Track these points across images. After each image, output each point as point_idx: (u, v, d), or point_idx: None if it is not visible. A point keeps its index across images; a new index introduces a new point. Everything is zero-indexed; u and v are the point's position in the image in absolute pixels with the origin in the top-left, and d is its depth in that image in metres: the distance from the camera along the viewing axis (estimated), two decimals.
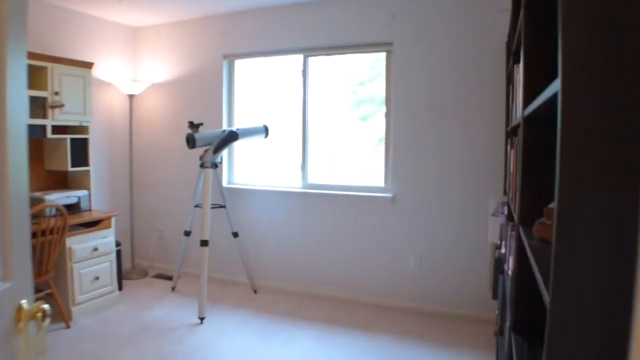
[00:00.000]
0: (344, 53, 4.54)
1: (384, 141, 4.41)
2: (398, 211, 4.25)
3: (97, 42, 4.87)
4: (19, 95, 1.19)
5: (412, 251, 4.21)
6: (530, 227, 1.43)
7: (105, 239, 4.20)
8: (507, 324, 2.03)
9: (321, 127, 4.73)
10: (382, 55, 4.37)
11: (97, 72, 4.82)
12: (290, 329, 3.89)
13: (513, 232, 1.99)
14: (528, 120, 1.55)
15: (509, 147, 2.78)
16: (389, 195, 4.27)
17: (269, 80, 4.96)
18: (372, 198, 4.34)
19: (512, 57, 2.66)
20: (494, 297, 3.19)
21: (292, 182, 4.81)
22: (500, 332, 2.67)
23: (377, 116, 4.49)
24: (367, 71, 4.58)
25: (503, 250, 2.74)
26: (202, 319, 3.98)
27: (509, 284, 2.04)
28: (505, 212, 2.72)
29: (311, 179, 4.75)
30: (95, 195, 4.65)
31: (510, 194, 2.33)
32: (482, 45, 3.85)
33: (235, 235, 4.65)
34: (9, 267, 1.16)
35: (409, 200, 4.20)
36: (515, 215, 1.72)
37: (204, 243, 4.07)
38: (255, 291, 4.74)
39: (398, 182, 4.25)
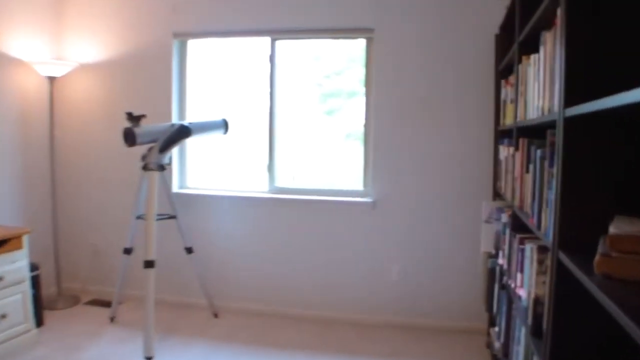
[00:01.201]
0: (317, 38, 3.88)
1: (358, 139, 3.86)
2: (379, 217, 3.75)
3: (4, 6, 3.75)
4: None
5: (394, 261, 3.77)
6: (574, 254, 1.29)
7: (14, 264, 3.17)
8: (520, 349, 1.98)
9: (289, 122, 3.99)
10: (354, 44, 3.83)
11: (2, 45, 3.72)
12: None
13: (522, 246, 1.98)
14: (573, 122, 1.31)
15: (510, 149, 2.52)
16: (368, 199, 3.75)
17: (230, 66, 4.11)
18: (350, 203, 3.79)
19: (517, 48, 2.32)
20: (489, 309, 3.07)
21: (257, 186, 4.02)
22: (504, 354, 2.48)
23: (343, 111, 3.96)
24: (338, 61, 3.94)
25: (501, 261, 2.66)
26: (149, 358, 3.10)
27: (522, 304, 1.97)
28: (505, 219, 2.57)
29: (279, 182, 3.98)
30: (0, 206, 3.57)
31: (517, 201, 2.18)
32: (474, 35, 3.52)
33: (189, 250, 3.76)
34: None
35: (392, 206, 3.74)
36: (550, 237, 1.48)
37: (149, 264, 3.18)
38: (215, 315, 3.91)
39: (379, 186, 3.73)
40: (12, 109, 3.89)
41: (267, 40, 3.87)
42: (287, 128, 3.96)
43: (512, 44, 2.53)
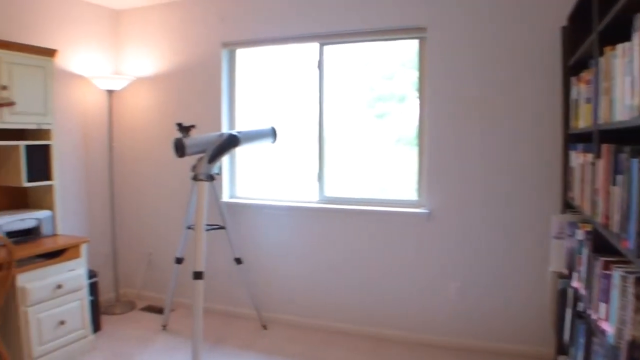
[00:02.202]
0: (367, 40, 3.71)
1: (409, 143, 3.66)
2: (435, 230, 3.49)
3: (66, 26, 3.95)
4: None
5: (452, 277, 3.48)
6: None
7: (72, 272, 3.29)
8: None
9: (338, 129, 3.86)
10: (405, 46, 3.63)
11: (65, 62, 3.91)
12: None
13: (608, 272, 1.69)
14: None
15: (587, 156, 2.20)
16: (424, 210, 3.50)
17: (277, 74, 4.07)
18: (403, 214, 3.57)
19: (596, 38, 1.96)
20: (558, 335, 2.75)
21: (306, 195, 3.92)
22: None
23: (393, 115, 3.76)
24: (387, 64, 3.76)
25: (575, 284, 2.36)
26: None
27: (607, 341, 1.64)
28: (581, 236, 2.25)
29: (329, 192, 3.86)
30: (63, 216, 3.73)
31: (600, 218, 1.84)
32: (536, 29, 3.18)
33: (239, 261, 3.75)
34: None
35: (449, 217, 3.47)
36: None
37: (198, 275, 3.18)
38: (264, 327, 3.86)
39: (435, 195, 3.49)
40: (75, 122, 4.08)
41: (315, 45, 3.80)
42: (337, 135, 3.85)
43: (587, 35, 2.18)
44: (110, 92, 4.16)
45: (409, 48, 3.62)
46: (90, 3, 4.15)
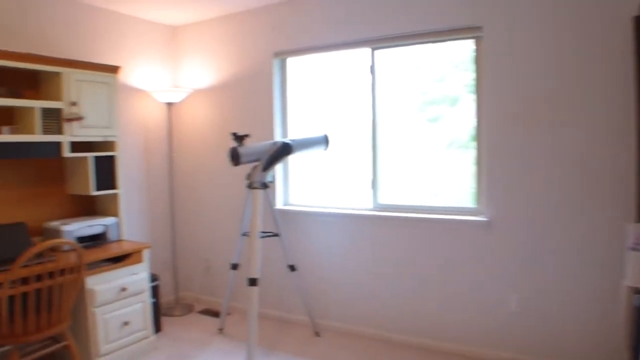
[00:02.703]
0: (420, 43, 3.62)
1: (461, 147, 3.55)
2: (495, 239, 3.31)
3: (128, 44, 4.21)
4: None
5: (513, 289, 3.27)
6: None
7: (135, 275, 3.48)
8: None
9: (391, 135, 3.82)
10: (457, 47, 3.51)
11: (127, 78, 4.17)
12: None
13: None
14: None
15: None
16: (483, 218, 3.34)
17: (328, 80, 4.11)
18: (461, 222, 3.43)
19: None
20: (634, 356, 2.51)
21: (360, 203, 3.91)
22: None
23: (446, 118, 3.66)
24: (439, 67, 3.68)
25: None
26: None
27: None
28: None
29: (383, 199, 3.83)
30: (127, 222, 3.96)
31: None
32: (603, 21, 2.88)
33: (292, 268, 3.82)
34: None
35: (510, 225, 3.26)
36: None
37: (253, 282, 3.26)
38: (317, 334, 3.90)
39: (495, 202, 3.30)
40: (137, 134, 4.33)
41: (367, 51, 3.79)
42: (389, 141, 3.83)
43: None
44: (169, 105, 4.38)
45: (461, 49, 3.53)
46: (149, 21, 4.40)
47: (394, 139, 3.83)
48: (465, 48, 3.52)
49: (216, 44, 4.43)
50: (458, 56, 3.58)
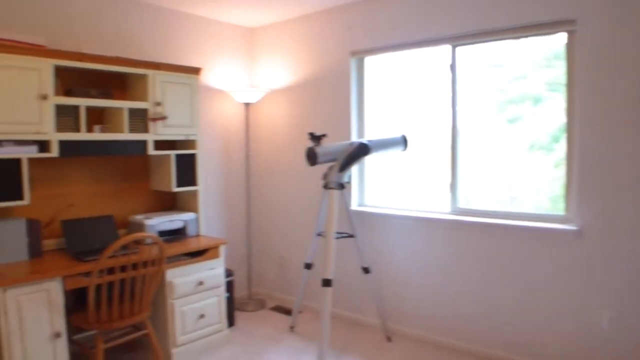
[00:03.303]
0: (504, 39, 3.41)
1: (543, 149, 3.32)
2: (586, 250, 3.02)
3: (207, 46, 4.36)
4: None
5: (605, 306, 2.99)
6: None
7: (212, 270, 3.60)
8: None
9: (470, 136, 3.66)
10: (541, 43, 3.27)
11: (207, 78, 4.32)
12: None
13: None
14: None
15: None
16: (572, 227, 3.07)
17: (407, 79, 4.00)
18: (547, 231, 3.17)
19: None
20: None
21: (438, 206, 3.78)
22: None
23: (527, 118, 3.44)
24: (521, 64, 3.47)
25: None
26: None
27: None
28: None
29: (463, 203, 3.68)
30: (205, 218, 4.11)
31: None
32: None
33: (366, 271, 3.77)
34: None
35: (605, 236, 2.96)
36: None
37: (327, 283, 3.24)
38: (389, 338, 3.83)
39: (587, 210, 3.01)
40: (216, 133, 4.47)
41: (447, 48, 3.63)
42: (468, 142, 3.67)
43: None
44: (247, 105, 4.49)
45: (544, 44, 3.32)
46: (228, 23, 4.53)
47: (473, 140, 3.67)
48: (550, 43, 3.29)
49: (292, 45, 4.48)
50: (540, 52, 3.37)
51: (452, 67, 3.64)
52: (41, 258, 3.06)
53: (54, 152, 3.01)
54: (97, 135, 3.25)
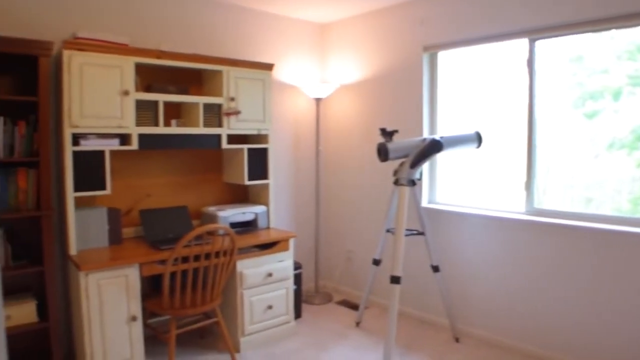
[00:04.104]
0: (587, 32, 3.11)
1: (625, 147, 2.98)
2: None
3: (279, 42, 4.34)
4: None
5: None
6: None
7: (281, 263, 3.59)
8: None
9: (546, 133, 3.39)
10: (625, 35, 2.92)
11: (279, 74, 4.30)
12: None
13: None
14: None
15: None
16: None
17: (480, 75, 3.77)
18: (628, 234, 2.88)
19: None
20: None
21: (513, 206, 3.53)
22: None
23: (606, 114, 3.11)
24: (600, 57, 3.14)
25: None
26: None
27: None
28: None
29: (539, 203, 3.41)
30: (275, 211, 4.11)
31: None
32: None
33: (436, 269, 3.60)
34: None
35: None
36: None
37: (395, 280, 3.13)
38: (456, 339, 3.65)
39: None
40: (287, 128, 4.46)
41: (524, 42, 3.39)
42: (545, 139, 3.40)
43: None
44: (317, 100, 4.43)
45: (628, 36, 2.99)
46: (299, 20, 4.49)
47: (549, 137, 3.39)
48: (633, 35, 2.96)
49: (363, 40, 4.36)
50: (622, 44, 3.03)
51: (530, 62, 3.38)
52: (120, 245, 3.18)
53: (134, 145, 3.10)
54: (174, 129, 3.31)
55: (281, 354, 3.40)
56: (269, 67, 3.74)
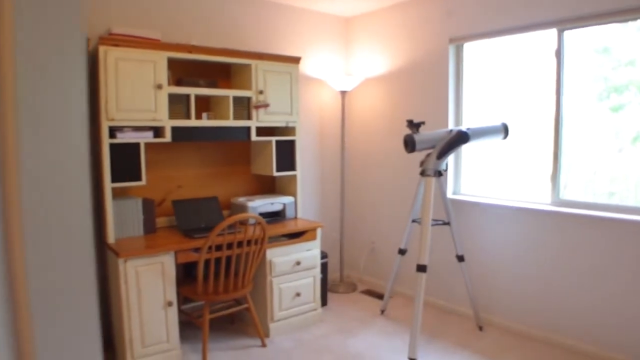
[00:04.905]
0: (614, 21, 3.03)
1: None
2: None
3: (305, 36, 4.34)
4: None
5: None
6: None
7: (309, 251, 3.61)
8: None
9: (572, 125, 3.33)
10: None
11: (305, 67, 4.30)
12: None
13: None
14: None
15: None
16: None
17: (508, 66, 3.71)
18: None
19: None
20: None
21: (538, 197, 3.49)
22: None
23: (632, 107, 3.04)
24: (627, 49, 3.06)
25: None
26: None
27: None
28: None
29: (565, 194, 3.37)
30: (302, 202, 4.14)
31: None
32: None
33: (461, 259, 3.59)
34: None
35: None
36: None
37: (421, 268, 3.13)
38: (480, 328, 3.64)
39: None
40: (313, 120, 4.47)
41: (552, 32, 3.31)
42: (570, 131, 3.35)
43: None
44: (342, 93, 4.43)
45: None
46: (324, 13, 4.47)
47: (575, 129, 3.34)
48: None
49: (388, 33, 4.33)
50: None
51: (558, 52, 3.31)
52: (155, 234, 3.23)
53: (167, 137, 3.14)
54: (205, 122, 3.35)
55: (309, 340, 3.43)
56: (296, 60, 3.75)
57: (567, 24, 3.21)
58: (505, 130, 3.37)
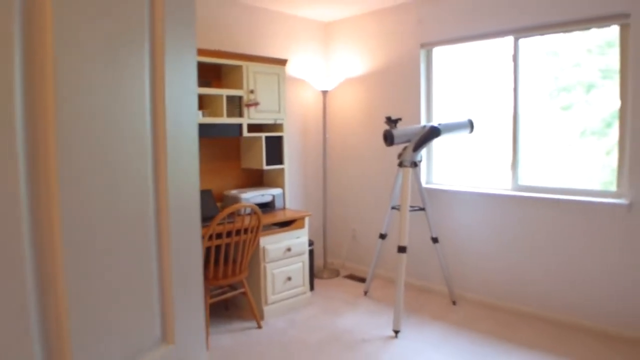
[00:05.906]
0: (563, 31, 3.42)
1: (595, 134, 3.29)
2: (637, 221, 3.08)
3: (290, 39, 4.53)
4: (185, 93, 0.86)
5: None
6: None
7: (298, 239, 3.81)
8: None
9: (528, 120, 3.68)
10: (591, 34, 3.22)
11: (289, 69, 4.49)
12: (497, 355, 3.03)
13: None
14: None
15: None
16: (623, 201, 3.13)
17: (470, 69, 4.03)
18: (600, 205, 3.24)
19: None
20: None
21: (500, 183, 3.83)
22: None
23: (579, 105, 3.41)
24: (574, 53, 3.43)
25: None
26: (396, 332, 3.35)
27: None
28: None
29: (523, 180, 3.71)
30: (289, 193, 4.33)
31: None
32: None
33: (435, 240, 3.87)
34: (169, 324, 0.81)
35: None
36: None
37: (402, 249, 3.39)
38: (454, 302, 3.93)
39: (639, 186, 3.06)
40: (297, 117, 4.66)
41: (509, 39, 3.65)
42: (527, 126, 3.68)
43: None
44: (324, 92, 4.64)
45: (596, 34, 3.28)
46: (306, 19, 4.67)
47: (531, 124, 3.68)
48: (602, 33, 3.26)
49: (365, 37, 4.57)
50: (594, 40, 3.32)
51: (515, 57, 3.66)
52: None
53: None
54: (201, 119, 3.50)
55: (301, 320, 3.64)
56: (283, 62, 3.94)
57: (522, 33, 3.58)
58: (471, 125, 3.67)
